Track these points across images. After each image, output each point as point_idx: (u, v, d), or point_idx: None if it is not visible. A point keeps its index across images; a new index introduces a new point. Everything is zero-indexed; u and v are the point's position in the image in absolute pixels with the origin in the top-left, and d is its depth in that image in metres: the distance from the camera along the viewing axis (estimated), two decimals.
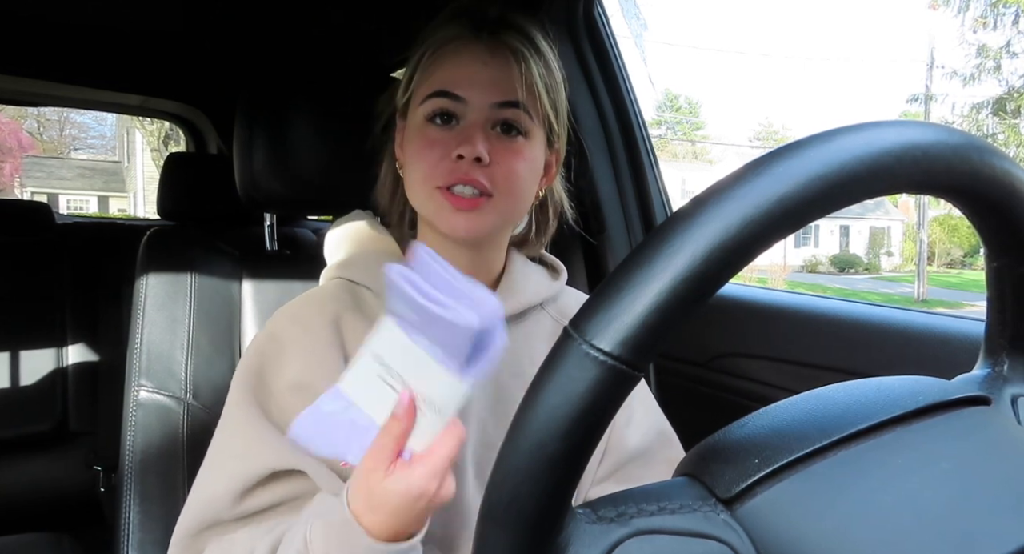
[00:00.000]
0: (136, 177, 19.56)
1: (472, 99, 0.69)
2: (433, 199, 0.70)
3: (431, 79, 0.71)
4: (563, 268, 0.87)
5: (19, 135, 19.23)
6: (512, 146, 0.71)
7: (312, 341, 0.70)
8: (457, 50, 0.70)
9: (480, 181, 0.68)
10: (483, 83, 0.69)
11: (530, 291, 0.80)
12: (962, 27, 14.11)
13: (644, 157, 1.32)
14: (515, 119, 0.71)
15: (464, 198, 0.69)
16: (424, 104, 0.71)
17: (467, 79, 0.70)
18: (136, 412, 0.90)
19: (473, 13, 0.72)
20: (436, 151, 0.69)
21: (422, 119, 0.71)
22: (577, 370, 0.28)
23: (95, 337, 1.74)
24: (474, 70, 0.70)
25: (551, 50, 0.74)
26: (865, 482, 0.33)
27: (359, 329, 0.73)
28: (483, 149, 0.68)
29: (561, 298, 0.85)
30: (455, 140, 0.69)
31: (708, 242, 0.28)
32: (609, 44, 1.30)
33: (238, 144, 0.98)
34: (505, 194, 0.70)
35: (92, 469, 1.55)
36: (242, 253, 1.05)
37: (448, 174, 0.68)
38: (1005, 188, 0.35)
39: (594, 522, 0.32)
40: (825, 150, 0.30)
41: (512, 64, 0.69)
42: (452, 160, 0.68)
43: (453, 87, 0.69)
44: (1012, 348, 0.43)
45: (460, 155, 0.68)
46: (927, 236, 15.46)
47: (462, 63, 0.70)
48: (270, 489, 0.66)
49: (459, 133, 0.70)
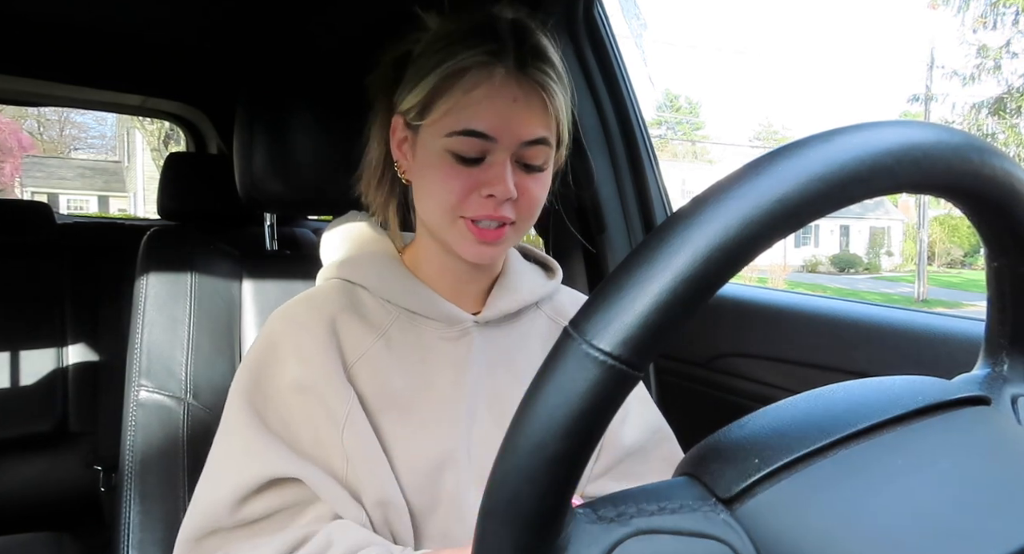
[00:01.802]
0: (136, 177, 19.56)
1: (502, 139, 0.68)
2: (456, 227, 0.70)
3: (459, 114, 0.67)
4: (558, 267, 0.87)
5: (19, 135, 19.23)
6: (535, 178, 0.71)
7: (309, 342, 0.70)
8: (489, 89, 0.67)
9: (508, 217, 0.69)
10: (513, 121, 0.68)
11: (525, 290, 0.81)
12: (962, 27, 14.10)
13: (644, 157, 1.32)
14: (541, 155, 0.70)
15: (490, 231, 0.69)
16: (450, 138, 0.68)
17: (498, 119, 0.67)
18: (136, 412, 0.90)
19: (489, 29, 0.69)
20: (462, 184, 0.69)
21: (444, 149, 0.69)
22: (577, 370, 0.28)
23: (95, 337, 1.74)
24: (505, 107, 0.67)
25: (560, 59, 0.72)
26: (865, 482, 0.33)
27: (355, 329, 0.73)
28: (513, 188, 0.68)
29: (557, 297, 0.86)
30: (483, 177, 0.68)
31: (708, 242, 0.28)
32: (609, 44, 1.30)
33: (238, 144, 0.98)
34: (525, 220, 0.72)
35: (92, 469, 1.55)
36: (242, 253, 1.05)
37: (476, 210, 0.69)
38: (1005, 188, 0.35)
39: (594, 522, 0.32)
40: (825, 150, 0.30)
41: (542, 99, 0.68)
42: (481, 196, 0.68)
43: (485, 127, 0.67)
44: (1012, 348, 0.43)
45: (491, 195, 0.68)
46: (927, 236, 15.46)
47: (494, 103, 0.67)
48: (268, 496, 0.67)
49: (487, 170, 0.68)
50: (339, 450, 0.67)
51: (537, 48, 0.69)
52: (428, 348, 0.74)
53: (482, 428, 0.73)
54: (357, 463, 0.67)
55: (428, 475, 0.70)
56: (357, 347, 0.72)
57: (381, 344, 0.73)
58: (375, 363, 0.72)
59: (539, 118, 0.69)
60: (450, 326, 0.76)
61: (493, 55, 0.67)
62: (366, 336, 0.73)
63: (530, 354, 0.79)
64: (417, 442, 0.70)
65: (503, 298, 0.79)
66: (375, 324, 0.74)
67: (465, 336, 0.76)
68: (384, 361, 0.72)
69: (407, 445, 0.70)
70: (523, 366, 0.78)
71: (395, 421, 0.70)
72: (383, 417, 0.70)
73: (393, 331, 0.74)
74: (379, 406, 0.70)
